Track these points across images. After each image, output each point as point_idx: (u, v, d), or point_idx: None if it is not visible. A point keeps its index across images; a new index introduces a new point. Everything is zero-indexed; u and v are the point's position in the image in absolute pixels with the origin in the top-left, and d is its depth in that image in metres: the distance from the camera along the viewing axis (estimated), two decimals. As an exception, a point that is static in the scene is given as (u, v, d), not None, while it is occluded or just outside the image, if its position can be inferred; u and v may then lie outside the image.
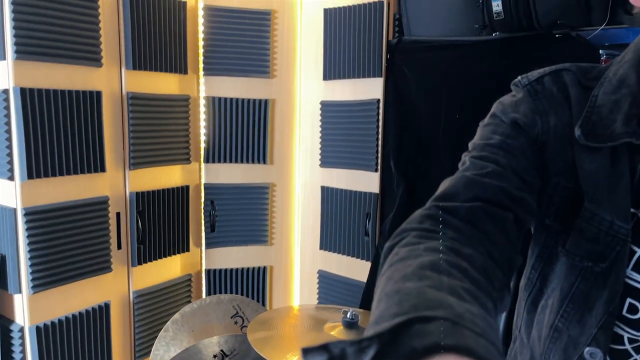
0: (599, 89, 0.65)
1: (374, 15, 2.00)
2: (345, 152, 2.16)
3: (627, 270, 0.60)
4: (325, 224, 2.25)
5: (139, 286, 2.05)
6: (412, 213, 0.62)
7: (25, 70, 1.63)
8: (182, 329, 1.84)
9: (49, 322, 1.75)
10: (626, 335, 0.62)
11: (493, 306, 0.49)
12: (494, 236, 0.57)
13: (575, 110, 0.65)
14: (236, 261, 2.34)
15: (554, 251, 0.67)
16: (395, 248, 0.54)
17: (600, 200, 0.60)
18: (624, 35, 1.61)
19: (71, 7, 1.71)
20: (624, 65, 0.65)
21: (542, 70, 0.70)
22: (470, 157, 0.66)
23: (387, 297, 0.44)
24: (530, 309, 0.71)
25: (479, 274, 0.50)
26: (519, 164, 0.63)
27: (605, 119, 0.62)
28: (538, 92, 0.67)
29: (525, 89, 0.69)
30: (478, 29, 1.84)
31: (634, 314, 0.61)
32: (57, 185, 1.74)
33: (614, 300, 0.60)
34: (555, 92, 0.67)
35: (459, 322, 0.37)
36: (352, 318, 1.09)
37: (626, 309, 0.61)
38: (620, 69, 0.65)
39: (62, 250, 1.76)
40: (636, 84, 0.61)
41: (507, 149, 0.64)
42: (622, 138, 0.60)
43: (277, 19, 2.25)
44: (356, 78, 2.09)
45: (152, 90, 2.02)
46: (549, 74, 0.69)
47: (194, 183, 2.26)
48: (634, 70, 0.63)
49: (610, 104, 0.62)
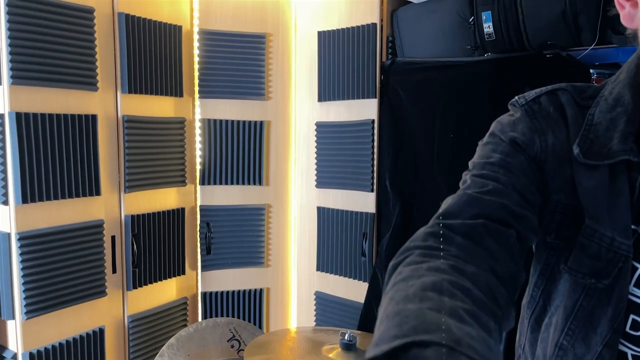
0: (595, 108, 0.66)
1: (368, 37, 2.03)
2: (340, 173, 2.16)
3: (630, 286, 0.59)
4: (321, 244, 2.24)
5: (134, 310, 2.03)
6: (408, 232, 0.65)
7: (21, 95, 1.64)
8: (178, 354, 1.82)
9: (43, 348, 1.72)
10: (630, 352, 0.61)
11: (497, 325, 0.49)
12: (496, 253, 0.56)
13: (572, 128, 0.65)
14: (232, 284, 2.33)
15: (556, 268, 0.66)
16: (399, 267, 0.54)
17: (600, 217, 0.61)
18: (613, 54, 1.64)
19: (67, 32, 1.72)
20: (619, 85, 0.67)
21: (538, 90, 0.71)
22: (471, 175, 0.66)
23: (387, 318, 0.44)
24: (534, 328, 0.70)
25: (482, 293, 0.50)
26: (519, 181, 0.63)
27: (602, 137, 0.62)
28: (535, 112, 0.68)
29: (522, 108, 0.69)
30: (470, 49, 1.87)
31: (637, 331, 0.60)
32: (51, 209, 1.73)
33: (618, 317, 0.59)
34: (551, 111, 0.67)
35: (456, 348, 0.37)
36: (350, 340, 1.08)
37: (629, 326, 0.61)
38: (615, 88, 0.67)
39: (56, 275, 1.74)
40: (630, 102, 0.63)
41: (507, 167, 0.65)
42: (619, 156, 0.60)
43: (272, 42, 2.27)
44: (351, 99, 2.10)
45: (148, 113, 2.03)
46: (545, 94, 0.70)
47: (189, 205, 2.25)
48: (628, 90, 0.64)
49: (607, 122, 0.63)
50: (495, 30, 1.78)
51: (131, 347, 2.02)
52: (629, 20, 0.65)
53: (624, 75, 0.68)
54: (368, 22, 2.03)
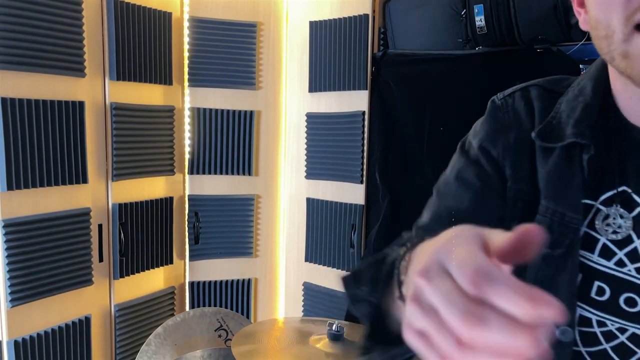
0: (564, 97, 0.72)
1: (360, 28, 2.02)
2: (330, 164, 2.16)
3: (594, 256, 0.67)
4: (310, 235, 2.25)
5: (121, 299, 2.02)
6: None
7: (7, 80, 1.61)
8: (164, 343, 1.82)
9: (28, 337, 1.70)
10: (594, 317, 0.67)
11: None
12: None
13: (538, 119, 0.72)
14: (220, 273, 2.32)
15: None
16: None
17: (554, 196, 0.68)
18: (603, 50, 1.65)
19: (54, 17, 1.70)
20: (585, 77, 0.73)
21: (514, 87, 0.77)
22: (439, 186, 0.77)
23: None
24: None
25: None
26: (484, 193, 0.73)
27: (563, 122, 0.69)
28: (504, 107, 0.76)
29: (493, 105, 0.77)
30: (461, 42, 1.87)
31: (601, 296, 0.66)
32: (37, 197, 1.71)
33: (575, 283, 0.67)
34: (522, 106, 0.74)
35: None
36: (337, 330, 1.09)
37: (595, 292, 0.67)
38: (583, 80, 0.73)
39: (41, 262, 1.72)
40: (590, 92, 0.70)
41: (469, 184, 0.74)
42: (569, 138, 0.67)
43: (263, 31, 2.26)
44: (341, 90, 2.10)
45: (136, 101, 2.01)
46: (519, 90, 0.76)
47: (177, 194, 2.24)
48: (591, 82, 0.71)
49: (569, 109, 0.70)
50: (487, 23, 1.78)
51: (117, 336, 2.01)
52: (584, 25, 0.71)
53: (593, 68, 0.73)
54: (360, 13, 2.02)
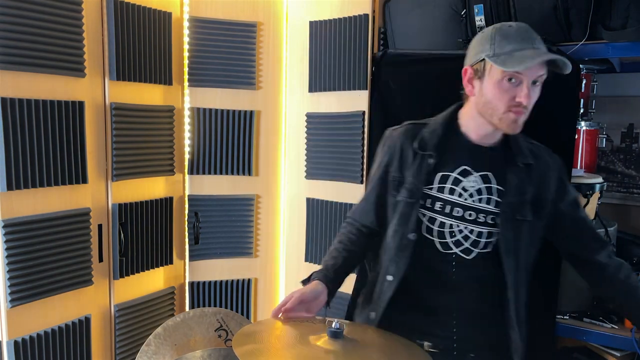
0: (427, 128, 1.41)
1: (359, 28, 2.02)
2: (330, 164, 2.16)
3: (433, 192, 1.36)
4: (310, 235, 2.25)
5: (121, 299, 2.02)
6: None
7: (7, 80, 1.61)
8: (164, 343, 1.81)
9: (28, 337, 1.70)
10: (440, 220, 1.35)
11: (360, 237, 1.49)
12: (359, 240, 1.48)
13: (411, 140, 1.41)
14: (220, 274, 2.32)
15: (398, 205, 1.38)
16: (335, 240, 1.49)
17: (412, 177, 1.36)
18: (603, 50, 1.65)
19: (54, 17, 1.70)
20: (438, 121, 1.41)
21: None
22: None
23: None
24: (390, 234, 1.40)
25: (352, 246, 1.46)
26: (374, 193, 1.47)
27: (427, 142, 1.38)
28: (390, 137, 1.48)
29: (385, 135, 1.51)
30: (461, 42, 1.87)
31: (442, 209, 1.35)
32: (37, 197, 1.71)
33: (417, 214, 1.34)
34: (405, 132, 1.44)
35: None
36: (337, 328, 1.09)
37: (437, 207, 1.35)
38: (437, 121, 1.42)
39: (41, 263, 1.72)
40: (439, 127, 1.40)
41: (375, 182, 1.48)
42: (426, 151, 1.36)
43: (263, 30, 2.26)
44: (341, 90, 2.10)
45: (136, 101, 2.01)
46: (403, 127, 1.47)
47: (177, 194, 2.24)
48: (441, 126, 1.40)
49: (428, 136, 1.38)
50: (487, 23, 1.78)
51: (117, 336, 2.01)
52: (471, 93, 1.33)
53: (442, 117, 1.42)
54: (360, 12, 2.02)
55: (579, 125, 1.88)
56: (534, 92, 1.25)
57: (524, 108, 1.24)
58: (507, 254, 1.31)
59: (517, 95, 1.22)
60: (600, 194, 1.80)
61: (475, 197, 1.32)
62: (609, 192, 2.08)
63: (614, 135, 2.09)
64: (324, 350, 1.05)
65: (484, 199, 1.32)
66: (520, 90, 1.22)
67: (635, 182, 2.07)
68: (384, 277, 1.38)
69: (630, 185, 2.08)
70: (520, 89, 1.22)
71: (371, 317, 1.39)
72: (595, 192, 1.76)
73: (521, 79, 1.22)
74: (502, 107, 1.25)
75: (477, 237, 1.32)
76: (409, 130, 1.43)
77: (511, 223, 1.31)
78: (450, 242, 1.33)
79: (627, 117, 2.07)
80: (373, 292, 1.43)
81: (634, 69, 1.98)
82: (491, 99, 1.26)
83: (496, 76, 1.24)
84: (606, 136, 1.97)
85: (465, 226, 1.32)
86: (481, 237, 1.32)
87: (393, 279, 1.35)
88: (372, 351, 1.14)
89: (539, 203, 1.35)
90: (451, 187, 1.33)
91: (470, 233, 1.32)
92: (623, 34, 1.57)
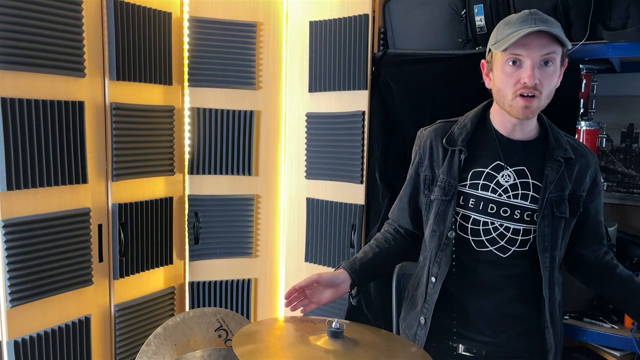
0: (455, 125, 1.40)
1: (360, 28, 2.02)
2: (330, 164, 2.16)
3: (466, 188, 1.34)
4: (310, 235, 2.24)
5: (121, 299, 2.02)
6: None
7: (7, 80, 1.61)
8: (164, 343, 1.81)
9: (28, 337, 1.70)
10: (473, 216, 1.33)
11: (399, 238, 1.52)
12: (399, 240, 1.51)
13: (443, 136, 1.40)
14: (220, 274, 2.32)
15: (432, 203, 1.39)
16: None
17: (444, 173, 1.35)
18: (603, 50, 1.65)
19: (54, 17, 1.69)
20: (469, 117, 1.40)
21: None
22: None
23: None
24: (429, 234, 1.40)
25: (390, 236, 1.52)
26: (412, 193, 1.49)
27: (456, 138, 1.36)
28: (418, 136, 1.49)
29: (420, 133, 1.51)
30: (461, 42, 1.87)
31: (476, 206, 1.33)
32: (37, 197, 1.71)
33: (453, 211, 1.32)
34: (431, 131, 1.44)
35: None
36: (337, 328, 1.09)
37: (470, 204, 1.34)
38: (467, 119, 1.40)
39: (41, 263, 1.72)
40: (469, 127, 1.37)
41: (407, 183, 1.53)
42: (457, 146, 1.35)
43: (263, 30, 2.26)
44: (341, 90, 2.10)
45: (136, 101, 2.01)
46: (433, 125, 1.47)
47: (177, 194, 2.24)
48: (471, 121, 1.39)
49: (458, 132, 1.37)
50: (487, 23, 1.78)
51: (117, 336, 2.01)
52: (490, 86, 1.34)
53: (472, 113, 1.41)
54: (360, 12, 2.02)
55: (579, 125, 1.88)
56: (543, 73, 1.21)
57: (533, 89, 1.20)
58: (544, 252, 1.27)
59: (522, 78, 1.20)
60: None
61: (511, 193, 1.29)
62: (609, 192, 2.08)
63: (614, 135, 2.09)
64: (324, 350, 1.06)
65: (520, 194, 1.29)
66: (523, 72, 1.20)
67: (635, 182, 2.07)
68: (428, 279, 1.36)
69: (630, 185, 2.08)
70: (524, 70, 1.20)
71: (421, 323, 1.36)
72: (595, 192, 1.76)
73: (522, 60, 1.21)
74: (510, 93, 1.23)
75: (513, 235, 1.29)
76: (438, 128, 1.41)
77: (550, 219, 1.28)
78: (485, 240, 1.30)
79: (627, 117, 2.07)
80: (416, 296, 1.41)
81: (634, 69, 1.98)
82: (500, 85, 1.26)
83: (499, 61, 1.25)
84: (606, 136, 1.96)
85: (500, 223, 1.29)
86: (518, 235, 1.29)
87: (436, 281, 1.33)
88: (372, 351, 1.14)
89: (574, 200, 1.32)
90: (484, 183, 1.30)
91: (506, 231, 1.29)
92: (623, 34, 1.57)
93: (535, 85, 1.20)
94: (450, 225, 1.31)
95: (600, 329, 1.64)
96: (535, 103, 1.22)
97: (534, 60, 1.20)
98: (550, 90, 1.25)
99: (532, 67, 1.20)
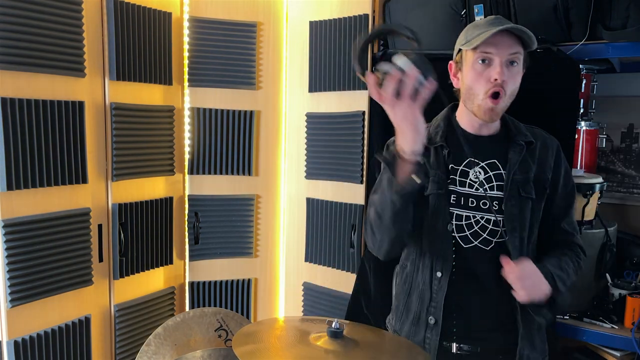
0: (429, 127, 1.41)
1: (360, 28, 2.02)
2: (330, 164, 2.16)
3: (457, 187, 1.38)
4: (310, 235, 2.24)
5: (121, 299, 2.02)
6: None
7: (7, 80, 1.61)
8: (164, 343, 1.81)
9: (28, 337, 1.70)
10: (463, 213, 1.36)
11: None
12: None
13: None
14: (220, 274, 2.32)
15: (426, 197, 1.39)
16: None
17: (434, 168, 1.37)
18: (603, 50, 1.65)
19: (54, 17, 1.70)
20: (440, 119, 1.45)
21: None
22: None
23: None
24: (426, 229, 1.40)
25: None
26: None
27: (432, 137, 1.40)
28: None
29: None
30: (461, 42, 1.86)
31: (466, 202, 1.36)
32: (37, 197, 1.71)
33: (448, 204, 1.35)
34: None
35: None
36: (337, 328, 1.09)
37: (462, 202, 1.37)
38: (438, 120, 1.45)
39: (41, 263, 1.72)
40: (442, 126, 1.43)
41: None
42: (437, 143, 1.39)
43: (263, 30, 2.26)
44: (341, 90, 2.10)
45: (136, 101, 2.01)
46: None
47: (177, 194, 2.24)
48: (442, 118, 1.45)
49: (434, 131, 1.42)
50: (487, 23, 1.78)
51: (117, 336, 2.01)
52: (457, 85, 1.40)
53: (441, 115, 1.46)
54: (360, 12, 2.02)
55: (579, 125, 1.88)
56: (510, 73, 1.28)
57: (499, 87, 1.27)
58: (513, 232, 1.32)
59: (491, 76, 1.27)
60: (600, 194, 1.80)
61: (487, 186, 1.35)
62: (609, 192, 2.08)
63: (614, 135, 2.09)
64: (324, 350, 1.06)
65: (495, 185, 1.35)
66: (493, 70, 1.28)
67: (635, 182, 2.07)
68: (432, 276, 1.37)
69: (630, 185, 2.08)
70: (493, 67, 1.28)
71: (431, 324, 1.36)
72: (595, 192, 1.76)
73: (492, 59, 1.28)
74: (481, 92, 1.29)
75: (493, 227, 1.33)
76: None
77: (517, 200, 1.33)
78: (469, 235, 1.34)
79: (627, 117, 2.07)
80: (410, 303, 1.41)
81: (634, 69, 1.98)
82: (470, 83, 1.32)
83: (470, 60, 1.31)
84: (606, 136, 1.97)
85: (481, 216, 1.34)
86: (497, 226, 1.33)
87: (442, 275, 1.35)
88: (372, 351, 1.14)
89: (539, 182, 1.37)
90: (460, 179, 1.37)
91: (487, 223, 1.34)
92: (623, 34, 1.57)
93: (502, 83, 1.27)
94: (449, 218, 1.35)
95: (600, 329, 1.64)
96: (501, 104, 1.30)
97: (503, 59, 1.27)
98: (513, 91, 1.31)
99: (500, 64, 1.27)
